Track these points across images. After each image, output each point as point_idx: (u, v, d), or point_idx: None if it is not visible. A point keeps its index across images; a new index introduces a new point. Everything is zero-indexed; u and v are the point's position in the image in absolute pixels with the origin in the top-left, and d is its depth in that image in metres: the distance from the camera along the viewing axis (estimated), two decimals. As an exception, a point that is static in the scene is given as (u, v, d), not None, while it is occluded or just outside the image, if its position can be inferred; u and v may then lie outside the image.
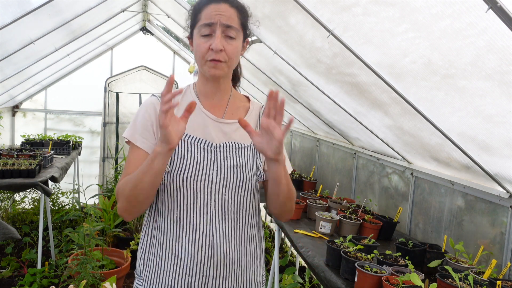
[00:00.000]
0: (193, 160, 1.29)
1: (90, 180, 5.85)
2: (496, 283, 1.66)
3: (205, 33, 1.26)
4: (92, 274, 3.21)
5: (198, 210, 1.28)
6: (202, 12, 1.28)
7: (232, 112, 1.40)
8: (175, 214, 1.29)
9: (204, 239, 1.28)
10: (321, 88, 2.91)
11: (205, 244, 1.28)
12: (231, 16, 1.27)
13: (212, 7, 1.27)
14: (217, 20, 1.25)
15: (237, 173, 1.31)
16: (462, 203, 2.34)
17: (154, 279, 1.32)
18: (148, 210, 1.38)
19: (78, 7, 3.50)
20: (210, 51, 1.26)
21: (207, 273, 1.29)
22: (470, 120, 1.79)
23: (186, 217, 1.28)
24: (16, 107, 5.80)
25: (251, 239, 1.38)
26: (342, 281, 1.90)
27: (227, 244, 1.29)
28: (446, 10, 1.34)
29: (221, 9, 1.26)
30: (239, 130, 1.37)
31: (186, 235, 1.29)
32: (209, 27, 1.26)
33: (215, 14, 1.25)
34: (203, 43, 1.26)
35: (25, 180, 3.33)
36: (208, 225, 1.28)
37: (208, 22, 1.25)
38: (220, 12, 1.26)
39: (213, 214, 1.28)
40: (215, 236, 1.28)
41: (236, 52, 1.29)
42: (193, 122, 1.33)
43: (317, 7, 1.98)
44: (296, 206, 2.85)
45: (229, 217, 1.31)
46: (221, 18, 1.25)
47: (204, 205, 1.28)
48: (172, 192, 1.29)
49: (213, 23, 1.25)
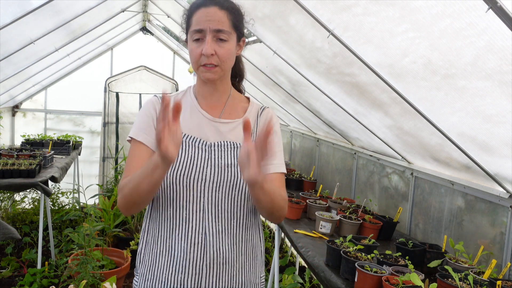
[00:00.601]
0: (187, 158, 1.30)
1: (90, 180, 5.85)
2: (496, 283, 1.66)
3: (196, 38, 1.28)
4: (92, 274, 3.21)
5: (191, 208, 1.29)
6: (193, 16, 1.29)
7: (229, 112, 1.41)
8: (169, 211, 1.31)
9: (197, 237, 1.29)
10: (321, 88, 2.91)
11: (198, 242, 1.29)
12: (221, 19, 1.27)
13: (202, 12, 1.28)
14: (206, 26, 1.26)
15: (230, 172, 1.32)
16: (462, 203, 2.34)
17: (148, 276, 1.34)
18: (147, 208, 1.40)
19: (78, 7, 3.50)
20: (202, 56, 1.27)
21: (200, 271, 1.29)
22: (470, 120, 1.79)
23: (179, 215, 1.30)
24: (16, 107, 5.80)
25: (247, 239, 1.38)
26: (342, 281, 1.90)
27: (220, 243, 1.30)
28: (446, 10, 1.34)
29: (210, 14, 1.27)
30: (235, 130, 1.38)
31: (180, 232, 1.30)
32: (199, 32, 1.27)
33: (204, 20, 1.26)
34: (195, 48, 1.28)
35: (25, 180, 3.33)
36: (201, 223, 1.29)
37: (198, 28, 1.27)
38: (209, 17, 1.26)
39: (206, 212, 1.29)
40: (208, 234, 1.29)
41: (228, 54, 1.29)
42: (189, 122, 1.36)
43: (317, 7, 1.98)
44: (296, 206, 2.86)
45: (222, 216, 1.31)
46: (210, 24, 1.26)
47: (197, 203, 1.29)
48: (166, 190, 1.30)
49: (202, 30, 1.26)
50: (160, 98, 1.37)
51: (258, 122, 1.44)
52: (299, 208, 2.89)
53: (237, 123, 1.39)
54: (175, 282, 1.30)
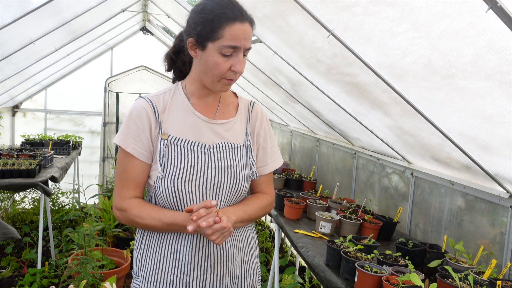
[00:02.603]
0: (187, 163, 1.29)
1: (90, 180, 5.85)
2: (496, 283, 1.66)
3: (227, 54, 1.23)
4: (92, 274, 3.21)
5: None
6: (225, 29, 1.21)
7: (223, 111, 1.41)
8: None
9: (201, 240, 1.31)
10: (321, 88, 2.91)
11: (202, 244, 1.31)
12: (250, 36, 1.26)
13: (238, 28, 1.22)
14: (242, 44, 1.22)
15: (231, 174, 1.33)
16: (462, 203, 2.34)
17: (152, 279, 1.33)
18: None
19: (78, 7, 3.50)
20: (230, 72, 1.25)
21: (205, 272, 1.31)
22: (470, 120, 1.79)
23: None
24: (16, 107, 5.80)
25: (244, 233, 1.42)
26: (342, 281, 1.90)
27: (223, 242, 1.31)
28: (446, 10, 1.34)
29: (246, 32, 1.23)
30: (231, 129, 1.39)
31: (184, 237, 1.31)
32: (232, 48, 1.22)
33: (242, 38, 1.22)
34: (223, 63, 1.24)
35: (25, 180, 3.33)
36: None
37: (234, 45, 1.22)
38: (245, 36, 1.23)
39: None
40: None
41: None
42: (185, 124, 1.33)
43: (317, 7, 1.98)
44: (296, 206, 2.87)
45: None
46: (245, 43, 1.23)
47: None
48: (168, 197, 1.30)
49: (238, 47, 1.22)
50: (149, 100, 1.34)
51: (250, 118, 1.44)
52: (299, 208, 2.89)
53: (232, 123, 1.40)
54: (180, 284, 1.31)
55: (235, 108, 1.43)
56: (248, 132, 1.42)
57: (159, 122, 1.32)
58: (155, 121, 1.32)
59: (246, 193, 1.41)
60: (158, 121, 1.32)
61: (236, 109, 1.43)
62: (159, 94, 1.38)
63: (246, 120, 1.43)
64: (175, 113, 1.35)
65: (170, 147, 1.30)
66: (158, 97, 1.36)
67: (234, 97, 1.47)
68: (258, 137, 1.45)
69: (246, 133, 1.42)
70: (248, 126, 1.43)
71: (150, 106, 1.33)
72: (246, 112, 1.45)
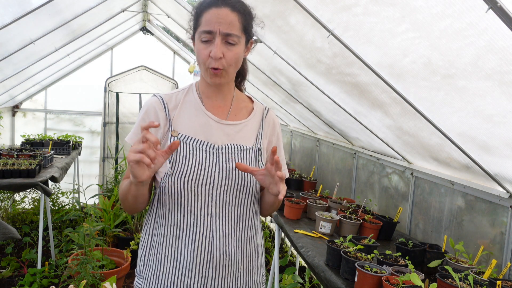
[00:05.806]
0: (195, 162, 1.28)
1: (90, 180, 5.85)
2: (496, 283, 1.66)
3: (205, 39, 1.23)
4: (92, 274, 3.21)
5: (199, 212, 1.28)
6: (203, 16, 1.24)
7: (235, 114, 1.39)
8: (176, 216, 1.30)
9: (204, 240, 1.28)
10: (321, 88, 2.91)
11: (205, 245, 1.28)
12: (232, 22, 1.23)
13: (213, 12, 1.22)
14: (216, 29, 1.21)
15: (238, 175, 1.31)
16: (462, 203, 2.34)
17: (153, 279, 1.33)
18: (149, 210, 1.39)
19: (78, 7, 3.50)
20: (210, 58, 1.24)
21: (206, 274, 1.29)
22: (470, 120, 1.79)
23: (187, 220, 1.29)
24: (16, 107, 5.80)
25: (251, 240, 1.38)
26: (342, 281, 1.90)
27: (227, 245, 1.30)
28: (446, 10, 1.34)
29: (221, 15, 1.22)
30: (242, 131, 1.37)
31: (186, 237, 1.29)
32: (208, 34, 1.22)
33: (215, 22, 1.21)
34: (203, 49, 1.24)
35: (25, 180, 3.33)
36: (208, 226, 1.28)
37: (207, 29, 1.22)
38: (220, 19, 1.21)
39: (214, 216, 1.29)
40: (215, 238, 1.28)
41: (236, 58, 1.26)
42: (196, 123, 1.33)
43: (317, 7, 1.98)
44: (296, 206, 2.87)
45: (229, 218, 1.31)
46: (220, 27, 1.21)
47: (205, 207, 1.28)
48: (173, 195, 1.29)
49: (212, 31, 1.22)
50: (160, 98, 1.36)
51: (263, 124, 1.43)
52: (299, 208, 2.89)
53: (243, 125, 1.38)
54: (181, 286, 1.30)
55: (248, 112, 1.42)
56: (259, 136, 1.41)
57: (169, 119, 1.32)
58: (165, 118, 1.32)
59: (256, 197, 1.39)
60: (168, 118, 1.33)
61: (249, 113, 1.42)
62: (173, 93, 1.39)
63: (259, 124, 1.42)
64: (187, 111, 1.34)
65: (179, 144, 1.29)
66: (171, 95, 1.37)
67: (249, 102, 1.46)
68: (269, 144, 1.44)
69: (257, 136, 1.40)
70: (260, 130, 1.41)
71: (161, 103, 1.34)
72: (260, 116, 1.44)
